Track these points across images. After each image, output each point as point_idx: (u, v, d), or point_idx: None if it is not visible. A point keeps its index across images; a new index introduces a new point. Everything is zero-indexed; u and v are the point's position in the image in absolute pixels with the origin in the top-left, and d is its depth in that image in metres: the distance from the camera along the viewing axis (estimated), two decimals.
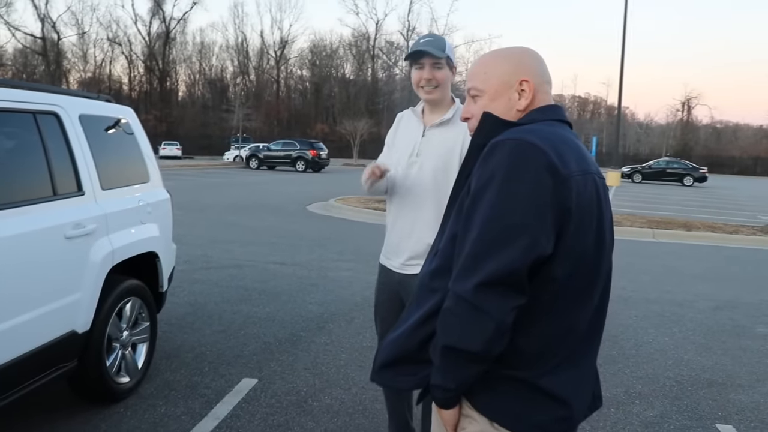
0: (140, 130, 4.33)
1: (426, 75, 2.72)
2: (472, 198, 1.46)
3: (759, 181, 56.05)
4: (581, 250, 1.48)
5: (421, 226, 2.77)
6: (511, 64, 1.64)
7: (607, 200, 1.59)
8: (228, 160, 45.96)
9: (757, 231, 13.60)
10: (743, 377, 4.81)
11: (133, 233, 3.86)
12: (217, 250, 9.10)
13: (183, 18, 77.46)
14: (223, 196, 17.91)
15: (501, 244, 1.39)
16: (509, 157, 1.42)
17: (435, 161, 2.74)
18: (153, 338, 4.17)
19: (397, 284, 2.92)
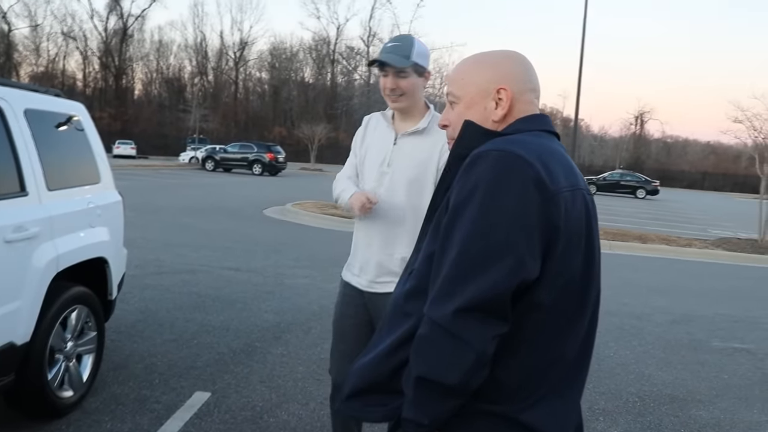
0: (92, 128, 4.11)
1: (389, 84, 2.56)
2: (452, 213, 1.33)
3: (707, 195, 57.58)
4: (569, 274, 1.35)
5: (394, 241, 2.60)
6: (490, 71, 1.52)
7: (596, 219, 1.47)
8: (183, 161, 45.22)
9: (709, 245, 13.85)
10: (703, 392, 4.80)
11: (80, 237, 3.64)
12: (170, 254, 8.82)
13: (141, 15, 76.05)
14: (177, 198, 17.52)
15: (483, 264, 1.26)
16: (493, 169, 1.30)
17: (408, 172, 2.57)
18: (100, 349, 3.94)
19: (366, 303, 2.72)
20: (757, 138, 15.00)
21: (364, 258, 2.69)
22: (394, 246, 2.59)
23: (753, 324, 7.24)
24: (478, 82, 1.51)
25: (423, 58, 2.57)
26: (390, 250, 2.60)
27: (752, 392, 4.91)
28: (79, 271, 3.71)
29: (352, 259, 2.78)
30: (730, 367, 5.50)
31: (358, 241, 2.75)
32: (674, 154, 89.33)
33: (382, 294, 2.62)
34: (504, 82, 1.49)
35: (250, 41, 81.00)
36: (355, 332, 2.72)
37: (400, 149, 2.63)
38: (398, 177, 2.59)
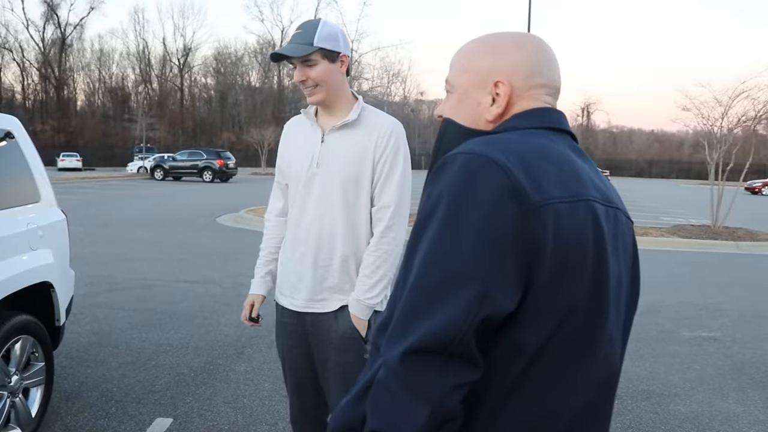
0: (28, 143, 3.81)
1: (297, 76, 2.23)
2: (414, 231, 1.09)
3: (654, 182, 58.80)
4: (565, 309, 1.06)
5: (331, 249, 2.29)
6: (491, 58, 1.22)
7: (615, 236, 1.15)
8: (132, 172, 44.33)
9: (665, 233, 14.02)
10: (678, 385, 4.74)
11: (20, 262, 3.36)
12: (122, 269, 8.46)
13: (80, 24, 74.45)
14: (127, 210, 17.00)
15: (438, 296, 1.00)
16: (459, 176, 1.04)
17: (341, 170, 2.26)
18: (49, 380, 3.66)
19: (308, 326, 2.37)
20: (705, 125, 15.25)
21: (297, 274, 2.35)
22: (332, 253, 2.29)
23: (717, 311, 7.27)
24: (475, 70, 1.24)
25: (331, 40, 2.22)
26: (327, 260, 2.30)
27: (725, 382, 4.87)
28: (22, 299, 3.42)
29: (282, 277, 2.43)
30: (701, 357, 5.47)
31: (287, 254, 2.41)
32: (620, 144, 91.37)
33: (323, 314, 2.33)
34: (505, 74, 1.20)
35: (193, 47, 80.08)
36: (304, 362, 2.43)
37: (329, 146, 2.30)
38: (330, 177, 2.28)
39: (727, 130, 14.96)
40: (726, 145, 14.74)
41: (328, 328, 2.32)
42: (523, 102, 1.20)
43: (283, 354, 2.48)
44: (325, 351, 2.34)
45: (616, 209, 1.16)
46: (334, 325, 2.31)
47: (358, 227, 2.29)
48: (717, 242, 13.19)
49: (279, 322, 2.47)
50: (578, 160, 1.16)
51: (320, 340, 2.35)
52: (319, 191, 2.29)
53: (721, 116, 14.91)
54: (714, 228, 14.46)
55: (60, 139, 64.21)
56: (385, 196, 2.27)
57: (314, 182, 2.29)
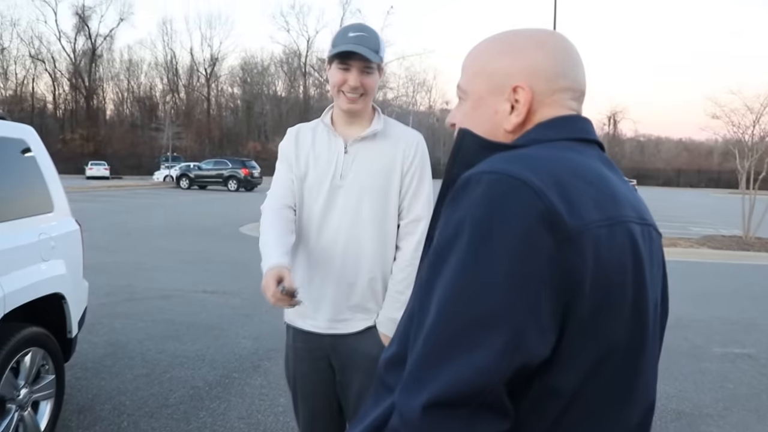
0: (43, 152, 3.75)
1: (353, 81, 2.11)
2: (432, 261, 0.95)
3: (683, 192, 57.95)
4: (605, 347, 0.93)
5: (357, 266, 2.15)
6: (508, 59, 1.07)
7: (653, 261, 1.03)
8: (158, 180, 44.74)
9: (694, 243, 13.72)
10: (710, 405, 4.54)
11: (31, 273, 3.29)
12: (142, 278, 8.43)
13: (109, 35, 75.56)
14: (151, 219, 17.07)
15: (463, 341, 0.87)
16: (485, 200, 0.90)
17: (368, 182, 2.15)
18: (60, 393, 3.58)
19: (328, 350, 2.22)
20: (735, 133, 14.93)
21: (320, 292, 2.18)
22: (358, 270, 2.15)
23: (750, 326, 7.02)
24: (489, 74, 1.09)
25: (384, 52, 2.19)
26: (353, 277, 2.15)
27: (761, 402, 4.66)
28: (33, 310, 3.36)
29: (301, 292, 2.17)
30: (734, 375, 5.25)
31: (307, 269, 2.23)
32: (648, 153, 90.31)
33: (348, 335, 2.18)
34: (524, 78, 1.06)
35: (220, 57, 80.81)
36: (321, 390, 2.26)
37: (354, 157, 2.18)
38: (356, 189, 2.15)
39: (759, 138, 14.62)
40: (758, 154, 14.40)
41: (353, 350, 2.17)
42: (546, 109, 1.06)
43: (294, 382, 2.31)
44: (350, 375, 2.20)
45: (649, 227, 1.04)
46: (359, 346, 2.17)
47: (387, 241, 2.18)
48: (749, 253, 12.86)
49: (291, 347, 2.30)
50: (610, 174, 1.04)
51: (344, 363, 2.20)
52: (343, 204, 2.16)
53: (753, 124, 14.60)
54: (746, 239, 14.11)
55: (89, 148, 65.18)
56: (415, 209, 2.18)
57: (338, 195, 2.16)
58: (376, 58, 2.11)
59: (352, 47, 2.07)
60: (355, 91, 2.12)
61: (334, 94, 2.16)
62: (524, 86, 1.05)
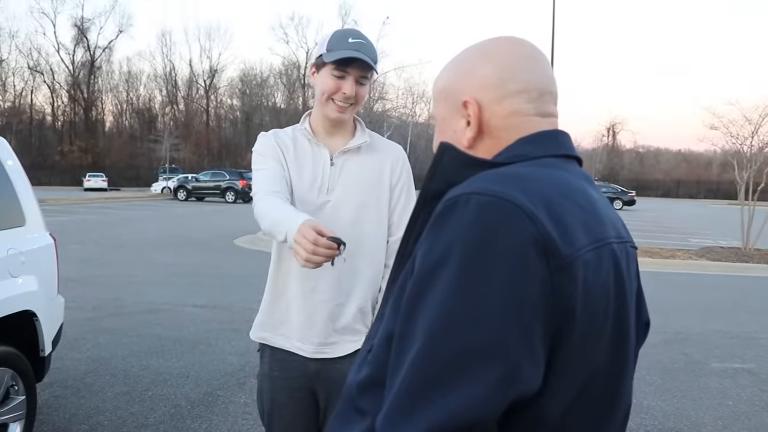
0: (15, 164, 3.62)
1: (348, 90, 1.96)
2: (415, 286, 0.88)
3: (682, 203, 57.88)
4: (590, 367, 0.90)
5: (348, 286, 2.00)
6: (455, 73, 1.07)
7: (632, 280, 1.01)
8: (156, 192, 44.68)
9: (692, 255, 13.58)
10: (709, 424, 4.39)
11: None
12: (131, 292, 8.29)
13: (108, 47, 75.50)
14: (146, 231, 16.94)
15: (455, 374, 0.80)
16: (475, 224, 0.84)
17: (358, 197, 2.01)
18: (31, 414, 3.44)
19: (312, 377, 2.03)
20: (734, 144, 14.83)
21: (306, 311, 2.00)
22: (347, 292, 2.00)
23: (750, 340, 6.88)
24: (446, 95, 1.08)
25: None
26: (342, 299, 2.00)
27: (762, 420, 4.51)
28: (2, 328, 3.22)
29: (283, 314, 2.05)
30: (734, 391, 5.10)
31: (291, 286, 2.04)
32: (647, 164, 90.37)
33: (335, 360, 2.00)
34: (470, 91, 1.03)
35: (219, 68, 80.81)
36: (300, 423, 2.07)
37: (341, 170, 2.04)
38: (344, 204, 2.01)
39: (758, 149, 14.52)
40: (757, 164, 14.29)
41: (341, 377, 1.93)
42: (499, 119, 1.02)
43: (270, 416, 2.08)
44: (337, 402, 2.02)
45: (626, 243, 1.01)
46: (348, 371, 1.94)
47: (375, 259, 2.04)
48: (748, 265, 12.73)
49: (266, 376, 2.08)
50: (593, 192, 1.01)
51: (331, 390, 1.99)
52: (330, 220, 1.94)
53: (751, 135, 14.49)
54: (745, 250, 13.98)
55: (87, 160, 65.15)
56: (404, 226, 2.00)
57: (324, 210, 1.99)
58: (374, 67, 1.99)
59: (354, 53, 1.93)
60: (347, 101, 1.98)
61: (322, 102, 2.00)
62: (470, 100, 1.02)
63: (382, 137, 2.19)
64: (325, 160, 2.03)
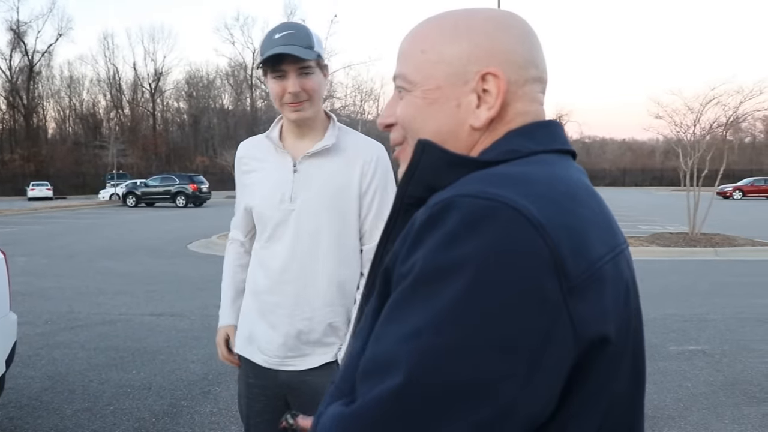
0: None
1: (291, 87, 1.85)
2: (394, 305, 0.75)
3: (629, 191, 59.18)
4: (607, 399, 0.79)
5: (313, 299, 1.93)
6: (471, 42, 0.87)
7: (637, 289, 0.88)
8: (104, 199, 43.75)
9: (643, 242, 13.89)
10: (670, 406, 4.50)
11: None
12: (85, 303, 8.09)
13: (48, 51, 73.63)
14: (96, 239, 16.54)
15: (439, 412, 0.69)
16: (472, 236, 0.71)
17: (322, 205, 1.91)
18: None
19: (284, 388, 2.01)
20: (678, 133, 15.22)
21: (270, 323, 1.97)
22: (314, 306, 1.93)
23: (702, 322, 7.07)
24: (449, 60, 0.88)
25: (321, 47, 1.92)
26: (308, 313, 1.93)
27: (719, 399, 4.64)
28: None
29: (252, 325, 2.04)
30: (692, 373, 5.24)
31: (256, 301, 2.03)
32: (594, 154, 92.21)
33: (306, 372, 1.97)
34: (494, 63, 0.86)
35: (165, 71, 79.58)
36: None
37: (305, 177, 1.94)
38: (308, 214, 1.92)
39: (701, 137, 14.93)
40: (699, 152, 14.70)
41: (312, 389, 1.93)
42: (519, 103, 0.88)
43: (248, 420, 2.09)
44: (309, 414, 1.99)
45: (627, 243, 0.90)
46: (320, 384, 1.92)
47: (344, 271, 1.94)
48: (696, 249, 13.09)
49: (243, 381, 2.09)
50: (594, 189, 0.88)
51: (303, 401, 1.96)
52: (295, 231, 1.92)
53: (693, 123, 14.90)
54: (692, 235, 14.36)
55: (30, 168, 63.36)
56: (378, 233, 1.95)
57: (288, 221, 1.93)
58: (311, 54, 1.85)
59: (280, 49, 1.82)
60: (297, 98, 1.87)
61: (279, 108, 1.94)
62: (498, 73, 0.85)
63: (359, 135, 2.06)
64: (286, 168, 1.97)
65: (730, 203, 35.43)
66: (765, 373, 5.24)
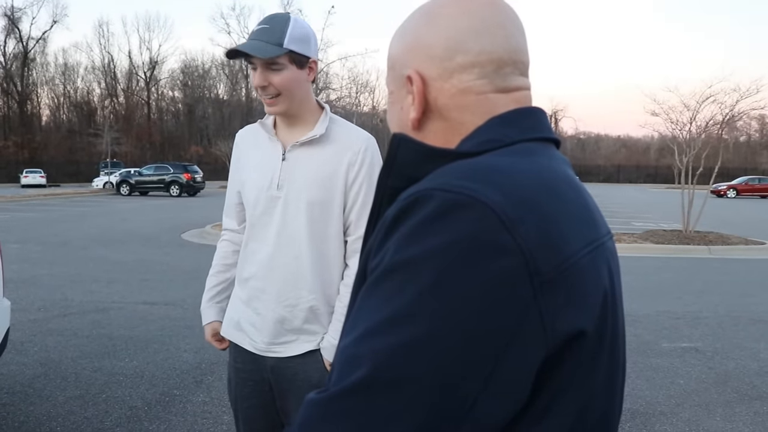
0: None
1: (256, 80, 1.88)
2: (363, 294, 0.75)
3: (623, 187, 59.37)
4: (587, 391, 0.78)
5: (295, 287, 1.95)
6: (402, 44, 0.91)
7: (619, 280, 0.88)
8: (97, 187, 43.57)
9: (637, 239, 13.91)
10: (663, 403, 4.51)
11: None
12: (78, 291, 8.06)
13: (42, 38, 73.31)
14: (90, 227, 16.47)
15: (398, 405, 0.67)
16: (438, 230, 0.70)
17: (307, 193, 1.92)
18: None
19: (269, 372, 2.03)
20: (674, 130, 15.24)
21: (259, 311, 2.01)
22: (298, 293, 1.95)
23: (695, 319, 7.10)
24: (391, 62, 0.93)
25: (303, 43, 1.88)
26: (292, 300, 1.96)
27: (711, 397, 4.66)
28: None
29: (240, 311, 2.08)
30: (683, 370, 5.26)
31: (245, 281, 2.06)
32: (589, 150, 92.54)
33: (289, 359, 1.99)
34: (415, 63, 0.88)
35: (160, 60, 79.44)
36: (261, 415, 2.09)
37: (292, 165, 1.95)
38: (293, 201, 1.94)
39: (696, 135, 14.96)
40: (695, 150, 14.73)
41: (293, 375, 1.98)
42: (447, 98, 0.86)
43: (236, 405, 2.12)
44: (289, 401, 1.99)
45: (611, 234, 0.88)
46: (300, 371, 1.97)
47: (328, 260, 1.96)
48: (689, 247, 13.12)
49: (232, 366, 2.12)
50: (576, 179, 0.86)
51: (284, 388, 1.99)
52: (281, 218, 1.94)
53: (690, 121, 14.92)
54: (686, 233, 14.40)
55: (24, 155, 63.17)
56: (364, 224, 1.94)
57: (275, 208, 1.95)
58: (275, 51, 1.82)
59: (241, 45, 1.83)
60: (266, 92, 1.89)
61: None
62: (412, 74, 0.87)
63: (351, 126, 2.06)
64: (276, 156, 1.98)
65: (724, 201, 35.57)
66: (756, 371, 5.27)
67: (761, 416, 4.31)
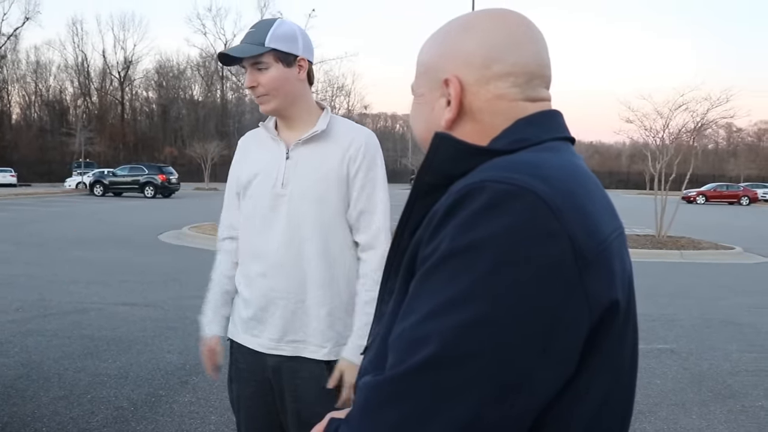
0: None
1: (246, 82, 1.95)
2: (422, 279, 0.81)
3: None
4: (616, 371, 0.86)
5: (304, 283, 1.98)
6: (439, 50, 0.98)
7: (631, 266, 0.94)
8: (70, 187, 43.01)
9: None
10: (641, 402, 4.63)
11: None
12: (56, 292, 7.99)
13: (14, 34, 72.05)
14: (65, 228, 16.29)
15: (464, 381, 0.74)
16: (494, 218, 0.76)
17: (312, 190, 1.96)
18: None
19: (270, 372, 2.04)
20: (647, 137, 15.51)
21: (262, 306, 2.01)
22: (305, 287, 1.98)
23: (669, 322, 7.26)
24: (426, 69, 1.00)
25: (288, 41, 1.92)
26: (300, 296, 1.98)
27: (687, 396, 4.79)
28: None
29: (243, 306, 2.08)
30: (660, 371, 5.40)
31: (251, 280, 2.06)
32: None
33: (293, 359, 2.00)
34: (452, 68, 0.95)
35: (134, 60, 78.64)
36: (264, 415, 2.10)
37: (296, 163, 1.99)
38: (299, 198, 1.97)
39: (669, 142, 15.24)
40: (668, 156, 15.00)
41: (296, 380, 1.99)
42: (482, 102, 0.94)
43: (238, 404, 2.13)
44: (292, 403, 2.01)
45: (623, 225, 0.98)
46: (305, 372, 1.98)
47: (335, 255, 1.98)
48: (662, 251, 13.37)
49: (233, 366, 2.14)
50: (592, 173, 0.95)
51: (283, 388, 2.02)
52: (286, 215, 1.97)
53: (663, 128, 15.20)
54: (659, 237, 14.67)
55: None
56: (373, 219, 2.00)
57: (281, 205, 1.98)
58: (257, 49, 1.88)
59: (229, 49, 1.92)
60: (255, 92, 1.95)
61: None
62: (452, 78, 0.94)
63: (350, 123, 2.09)
64: (280, 155, 2.02)
65: (694, 207, 36.29)
66: (729, 371, 5.42)
67: (735, 414, 4.45)
